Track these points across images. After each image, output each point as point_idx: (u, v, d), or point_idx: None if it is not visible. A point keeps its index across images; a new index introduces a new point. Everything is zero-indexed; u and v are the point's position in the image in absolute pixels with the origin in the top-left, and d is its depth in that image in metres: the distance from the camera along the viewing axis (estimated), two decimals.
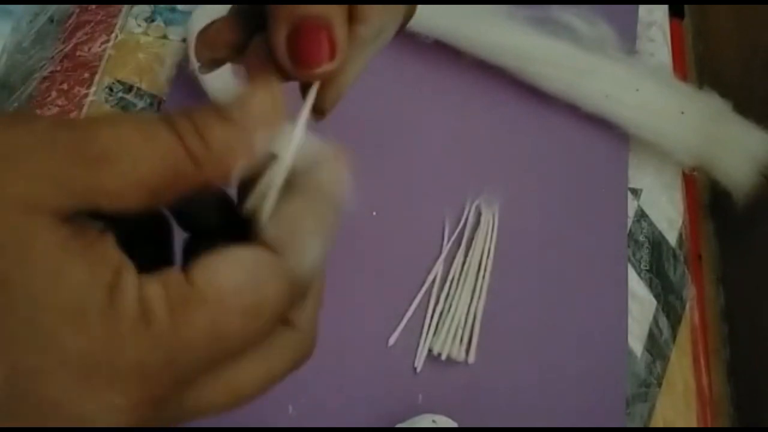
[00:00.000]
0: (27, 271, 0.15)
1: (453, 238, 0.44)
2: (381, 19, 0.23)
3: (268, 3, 0.21)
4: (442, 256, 0.43)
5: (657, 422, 0.41)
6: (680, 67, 0.53)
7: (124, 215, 0.17)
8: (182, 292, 0.17)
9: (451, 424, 0.38)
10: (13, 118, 0.17)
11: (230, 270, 0.18)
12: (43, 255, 0.16)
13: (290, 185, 0.21)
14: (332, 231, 0.21)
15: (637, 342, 0.43)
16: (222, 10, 0.50)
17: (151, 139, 0.18)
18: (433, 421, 0.37)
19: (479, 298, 0.42)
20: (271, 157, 0.20)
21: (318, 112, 0.24)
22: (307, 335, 0.22)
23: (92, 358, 0.15)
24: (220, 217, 0.23)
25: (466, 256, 0.43)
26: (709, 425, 0.42)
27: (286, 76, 0.21)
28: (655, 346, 0.43)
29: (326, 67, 0.21)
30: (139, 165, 0.17)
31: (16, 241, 0.15)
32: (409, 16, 0.27)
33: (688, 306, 0.45)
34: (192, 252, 0.23)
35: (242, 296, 0.18)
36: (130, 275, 0.17)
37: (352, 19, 0.22)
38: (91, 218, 0.17)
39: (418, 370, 0.41)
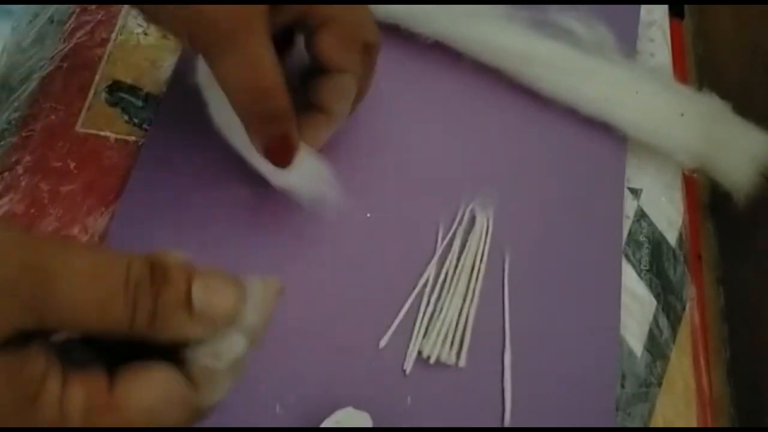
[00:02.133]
0: None
1: (446, 241, 0.44)
2: (338, 107, 0.37)
3: (267, 4, 0.22)
4: (435, 259, 0.43)
5: (657, 422, 0.41)
6: (680, 68, 0.53)
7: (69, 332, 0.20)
8: (101, 401, 0.20)
9: (363, 417, 0.37)
10: None
11: (148, 393, 0.20)
12: None
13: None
14: (247, 364, 0.23)
15: (637, 342, 0.43)
16: None
17: (106, 311, 0.20)
18: (337, 423, 0.37)
19: (471, 301, 0.42)
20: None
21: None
22: None
23: None
24: None
25: (458, 259, 0.43)
26: (709, 425, 0.42)
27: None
28: (655, 346, 0.43)
29: (290, 161, 0.36)
30: (80, 322, 0.20)
31: None
32: (362, 95, 0.39)
33: (688, 306, 0.45)
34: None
35: (151, 418, 0.20)
36: (53, 383, 0.19)
37: (316, 108, 0.37)
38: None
39: (408, 372, 0.41)
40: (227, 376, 0.22)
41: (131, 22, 0.52)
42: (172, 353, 0.22)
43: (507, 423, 0.40)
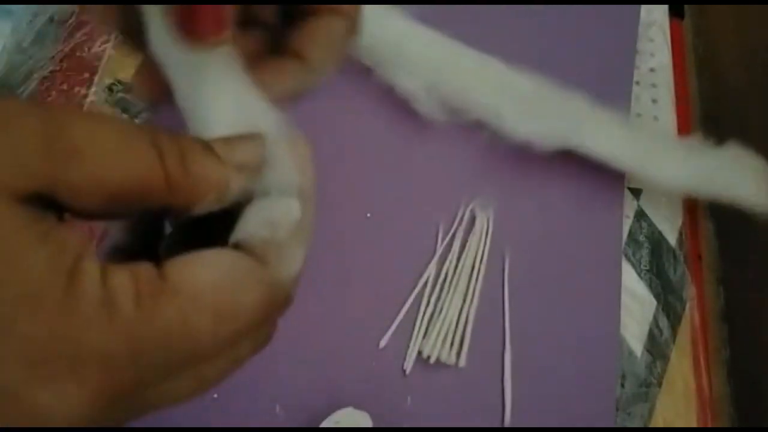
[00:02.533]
0: None
1: (446, 241, 0.44)
2: (320, 56, 0.25)
3: (264, 3, 0.22)
4: (435, 259, 0.43)
5: (657, 422, 0.41)
6: (680, 68, 0.53)
7: (79, 211, 0.17)
8: (152, 285, 0.16)
9: (363, 417, 0.37)
10: None
11: (208, 269, 0.18)
12: (2, 238, 0.15)
13: (263, 185, 0.21)
14: (311, 226, 0.21)
15: (637, 342, 0.43)
16: None
17: (129, 148, 0.17)
18: (336, 423, 0.37)
19: (471, 301, 0.42)
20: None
21: None
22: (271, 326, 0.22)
23: (49, 346, 0.15)
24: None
25: (458, 259, 0.43)
26: (709, 425, 0.42)
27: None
28: (655, 346, 0.43)
29: (222, 37, 0.21)
30: (108, 167, 0.17)
31: None
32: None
33: (688, 306, 0.45)
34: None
35: (218, 296, 0.17)
36: (91, 263, 0.16)
37: (295, 55, 0.24)
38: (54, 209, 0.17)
39: (408, 372, 0.41)
40: (294, 244, 0.20)
41: None
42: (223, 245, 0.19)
43: (507, 423, 0.40)
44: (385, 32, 0.45)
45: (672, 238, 0.46)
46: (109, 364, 0.15)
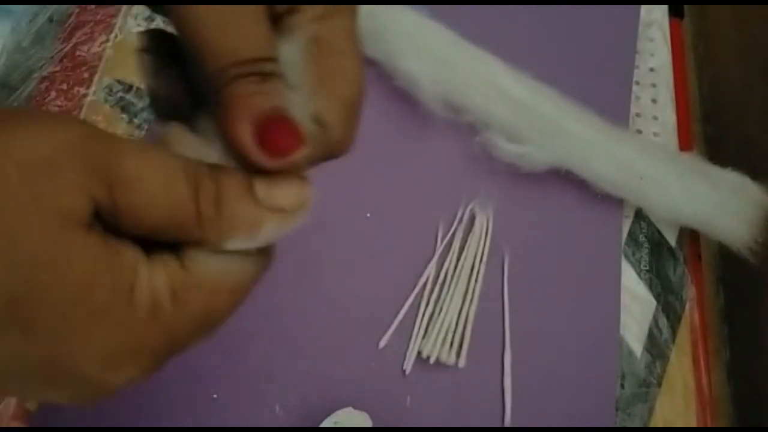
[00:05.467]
0: (66, 283, 0.18)
1: (446, 241, 0.44)
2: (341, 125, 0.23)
3: (265, 3, 0.21)
4: (435, 259, 0.43)
5: (657, 422, 0.41)
6: (680, 68, 0.53)
7: (116, 233, 0.19)
8: (180, 279, 0.20)
9: (362, 417, 0.37)
10: (52, 121, 0.19)
11: (215, 259, 0.20)
12: (81, 269, 0.18)
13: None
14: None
15: (636, 342, 0.43)
16: None
17: (170, 184, 0.19)
18: (335, 423, 0.37)
19: (471, 301, 0.42)
20: None
21: None
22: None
23: (118, 347, 0.19)
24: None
25: (458, 259, 0.43)
26: (709, 425, 0.42)
27: (250, 166, 0.21)
28: (655, 346, 0.43)
29: (302, 152, 0.21)
30: (146, 204, 0.19)
31: (56, 256, 0.18)
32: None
33: (688, 306, 0.45)
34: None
35: (229, 276, 0.21)
36: (143, 270, 0.19)
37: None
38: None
39: (407, 372, 0.41)
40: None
41: (130, 21, 0.52)
42: None
43: (507, 423, 0.40)
44: (397, 22, 0.45)
45: (672, 238, 0.46)
46: (157, 353, 0.20)
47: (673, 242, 0.46)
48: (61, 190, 0.18)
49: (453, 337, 0.41)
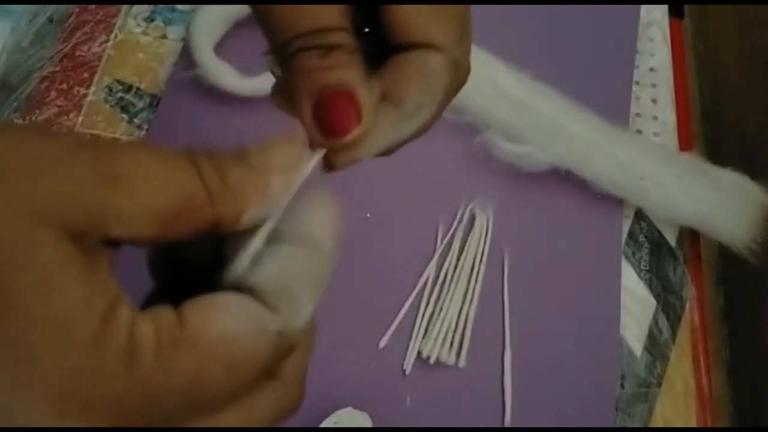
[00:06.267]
0: (24, 280, 0.15)
1: (446, 241, 0.44)
2: (416, 100, 0.23)
3: (271, 3, 0.21)
4: (435, 259, 0.43)
5: (657, 422, 0.41)
6: (680, 68, 0.53)
7: (133, 241, 0.17)
8: (172, 335, 0.17)
9: (362, 417, 0.37)
10: (40, 132, 0.17)
11: (222, 318, 0.18)
12: (43, 268, 0.15)
13: (283, 233, 0.21)
14: (326, 282, 0.21)
15: (636, 342, 0.43)
16: (223, 10, 0.50)
17: (171, 168, 0.18)
18: (335, 423, 0.37)
19: (471, 301, 0.42)
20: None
21: (328, 165, 0.23)
22: (291, 387, 0.22)
23: (68, 384, 0.15)
24: (211, 256, 0.22)
25: (458, 259, 0.43)
26: (709, 425, 0.42)
27: (315, 145, 0.21)
28: (655, 346, 0.43)
29: (356, 133, 0.21)
30: (155, 192, 0.17)
31: (18, 249, 0.15)
32: (454, 92, 0.25)
33: (688, 306, 0.45)
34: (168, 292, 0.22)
35: (231, 347, 0.18)
36: (125, 309, 0.17)
37: (385, 98, 0.22)
38: (101, 243, 0.17)
39: (407, 372, 0.41)
40: (306, 295, 0.20)
41: (130, 21, 0.52)
42: (238, 287, 0.19)
43: (507, 423, 0.40)
44: None
45: (672, 238, 0.46)
46: (121, 410, 0.16)
47: (673, 242, 0.46)
48: (39, 192, 0.16)
49: (453, 337, 0.41)
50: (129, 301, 0.17)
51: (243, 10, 0.48)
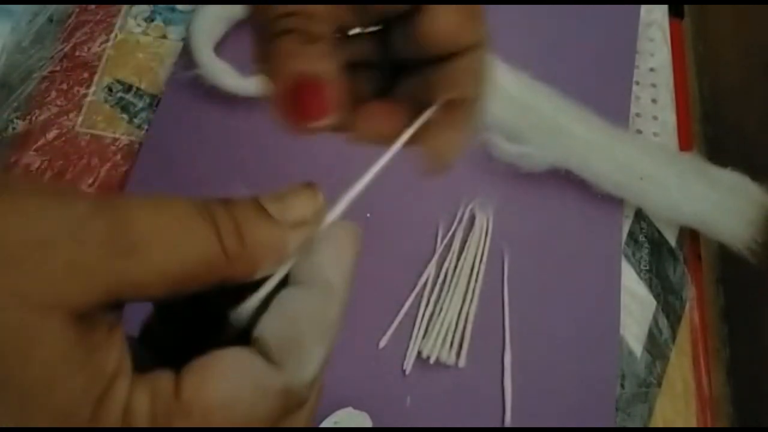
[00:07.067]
0: (28, 375, 0.16)
1: (446, 241, 0.44)
2: (483, 97, 0.25)
3: (270, 3, 0.21)
4: (435, 259, 0.43)
5: (657, 422, 0.41)
6: (680, 68, 0.53)
7: (141, 300, 0.17)
8: (168, 405, 0.17)
9: (362, 417, 0.37)
10: (54, 195, 0.17)
11: (220, 383, 0.17)
12: (46, 364, 0.16)
13: (293, 274, 0.20)
14: (337, 326, 0.21)
15: (636, 342, 0.43)
16: (223, 10, 0.50)
17: (189, 230, 0.18)
18: (335, 423, 0.37)
19: (471, 301, 0.42)
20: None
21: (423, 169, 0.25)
22: None
23: None
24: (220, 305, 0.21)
25: (458, 259, 0.43)
26: (709, 425, 0.42)
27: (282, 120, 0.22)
28: (655, 346, 0.43)
29: (319, 123, 0.22)
30: (172, 258, 0.17)
31: (23, 342, 0.16)
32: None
33: (688, 306, 0.45)
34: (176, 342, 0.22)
35: (229, 412, 0.17)
36: (121, 384, 0.17)
37: (453, 104, 0.25)
38: (108, 309, 0.17)
39: (407, 372, 0.41)
40: (314, 345, 0.19)
41: (130, 22, 0.52)
42: (244, 339, 0.19)
43: (507, 423, 0.40)
44: None
45: (672, 238, 0.46)
46: None
47: (673, 242, 0.46)
48: (49, 275, 0.16)
49: (453, 337, 0.41)
50: (128, 368, 0.17)
51: (243, 10, 0.48)
